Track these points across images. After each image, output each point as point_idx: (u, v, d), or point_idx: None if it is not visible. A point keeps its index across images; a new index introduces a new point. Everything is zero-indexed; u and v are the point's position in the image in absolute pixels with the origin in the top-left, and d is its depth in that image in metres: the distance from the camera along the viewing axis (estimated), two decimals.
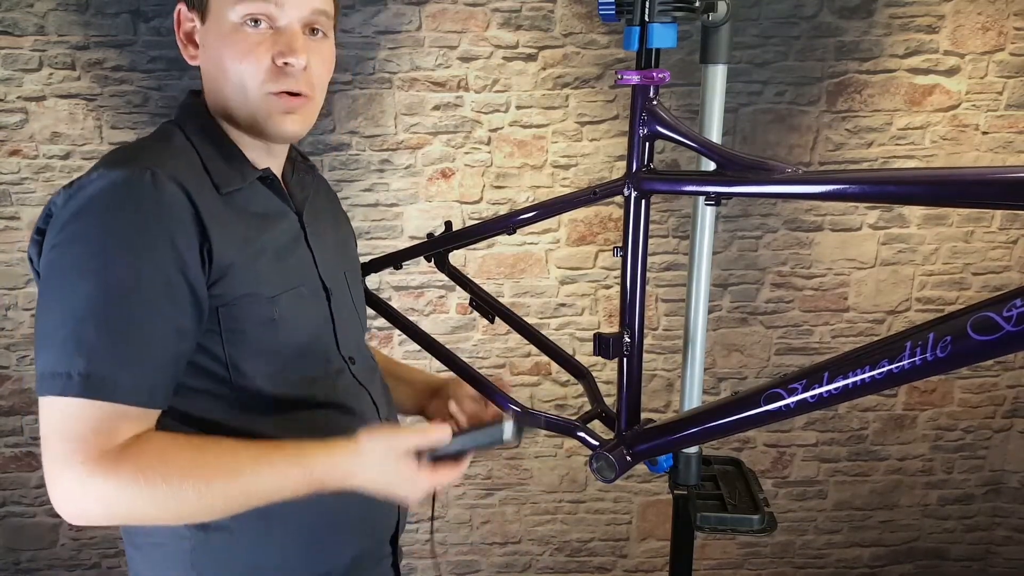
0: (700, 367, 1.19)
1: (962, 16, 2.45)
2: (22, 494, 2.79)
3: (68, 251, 0.85)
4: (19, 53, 2.39)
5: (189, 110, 1.01)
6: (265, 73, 0.93)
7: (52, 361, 0.83)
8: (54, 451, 0.83)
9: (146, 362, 0.86)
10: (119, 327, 0.84)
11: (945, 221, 2.63)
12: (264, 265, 0.97)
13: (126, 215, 0.85)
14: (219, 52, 0.94)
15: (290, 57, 0.93)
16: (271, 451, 0.90)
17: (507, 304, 1.49)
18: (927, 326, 0.73)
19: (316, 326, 1.04)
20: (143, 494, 0.83)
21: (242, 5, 0.92)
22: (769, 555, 2.99)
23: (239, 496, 0.88)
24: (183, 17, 0.98)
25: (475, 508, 2.90)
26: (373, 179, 2.56)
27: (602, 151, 2.56)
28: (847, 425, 2.83)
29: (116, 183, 0.85)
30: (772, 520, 1.16)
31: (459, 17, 2.44)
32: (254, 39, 0.93)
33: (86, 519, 0.85)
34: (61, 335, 0.83)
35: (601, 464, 1.03)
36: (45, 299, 0.86)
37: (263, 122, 0.96)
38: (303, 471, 0.90)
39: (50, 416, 0.83)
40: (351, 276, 1.17)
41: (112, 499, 0.83)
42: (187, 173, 0.91)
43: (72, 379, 0.81)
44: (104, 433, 0.83)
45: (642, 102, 0.99)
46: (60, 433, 0.83)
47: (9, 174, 2.49)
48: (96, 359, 0.82)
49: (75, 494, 0.83)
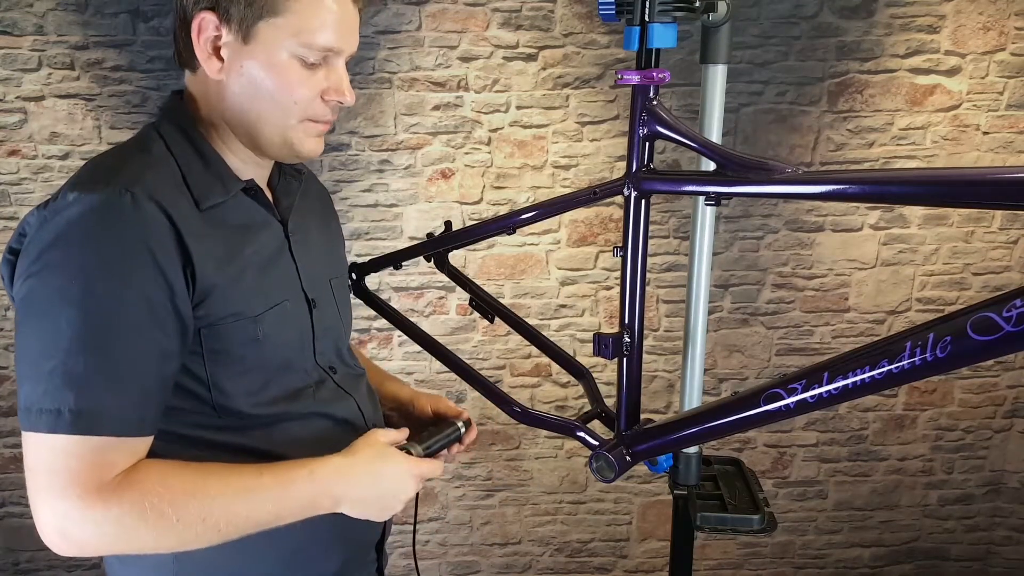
0: (700, 368, 1.19)
1: (963, 16, 2.45)
2: (21, 494, 2.79)
3: (48, 280, 0.82)
4: (18, 53, 2.39)
5: (172, 115, 0.98)
6: (310, 105, 0.96)
7: (39, 396, 0.81)
8: (45, 485, 0.82)
9: (135, 392, 0.85)
10: (106, 358, 0.82)
11: (945, 221, 2.63)
12: (248, 283, 0.95)
13: (106, 241, 0.83)
14: (263, 79, 0.93)
15: (342, 97, 0.97)
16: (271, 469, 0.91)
17: (507, 305, 1.49)
18: (927, 326, 0.72)
19: (298, 340, 1.03)
20: (147, 523, 0.83)
21: (304, 49, 0.92)
22: (769, 555, 2.99)
23: (243, 520, 0.88)
24: (207, 25, 0.91)
25: (475, 509, 2.90)
26: (373, 179, 2.56)
27: (602, 151, 2.56)
28: (847, 425, 2.83)
29: (94, 207, 0.83)
30: (772, 520, 1.16)
31: (459, 17, 2.44)
32: (307, 74, 0.94)
33: (81, 550, 0.84)
34: (47, 368, 0.81)
35: (601, 464, 1.03)
36: (26, 329, 0.84)
37: (295, 145, 0.98)
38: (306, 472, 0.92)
39: (39, 452, 0.82)
40: (336, 282, 1.16)
41: (113, 530, 0.82)
42: (166, 189, 0.89)
43: (62, 415, 0.80)
44: (99, 467, 0.82)
45: (642, 102, 0.99)
46: (52, 468, 0.81)
47: (8, 174, 2.49)
48: (85, 393, 0.81)
49: (71, 526, 0.82)
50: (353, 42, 0.98)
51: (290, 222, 1.06)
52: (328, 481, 0.93)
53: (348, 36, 0.96)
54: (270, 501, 0.89)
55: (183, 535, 0.85)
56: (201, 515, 0.85)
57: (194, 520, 0.84)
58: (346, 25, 0.95)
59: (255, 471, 0.90)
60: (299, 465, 0.92)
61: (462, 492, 2.88)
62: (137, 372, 0.85)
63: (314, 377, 1.05)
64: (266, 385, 0.97)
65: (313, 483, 0.92)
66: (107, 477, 0.82)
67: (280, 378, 0.99)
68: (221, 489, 0.87)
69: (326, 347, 1.08)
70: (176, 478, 0.86)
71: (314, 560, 1.04)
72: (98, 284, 0.82)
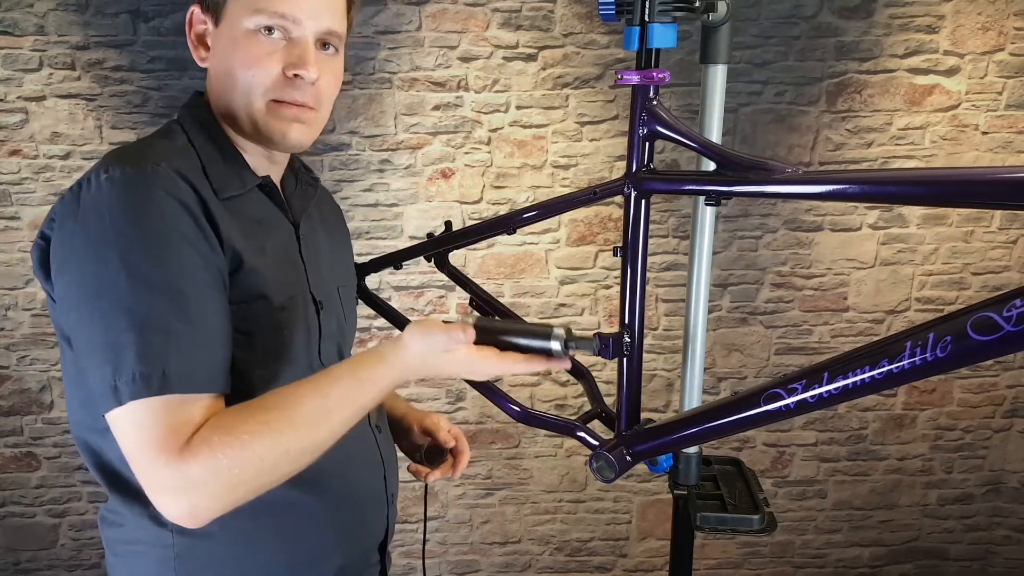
0: (700, 367, 1.19)
1: (962, 16, 2.45)
2: (22, 494, 2.79)
3: (104, 255, 0.81)
4: (19, 53, 2.39)
5: (193, 111, 1.00)
6: (273, 81, 0.94)
7: (127, 366, 0.79)
8: (148, 463, 0.80)
9: (216, 348, 0.85)
10: (184, 318, 0.82)
11: (945, 221, 2.63)
12: (271, 270, 0.96)
13: (150, 206, 0.83)
14: (229, 56, 0.94)
15: (301, 70, 0.93)
16: (333, 369, 0.89)
17: (507, 304, 1.49)
18: (927, 326, 0.73)
19: (306, 337, 1.03)
20: (244, 449, 0.80)
21: (259, 16, 0.91)
22: (769, 555, 3.00)
23: (331, 413, 0.85)
24: (196, 19, 0.97)
25: (475, 508, 2.90)
26: (373, 179, 2.56)
27: (602, 151, 2.56)
28: (847, 425, 2.83)
29: (129, 178, 0.83)
30: (772, 520, 1.16)
31: (459, 17, 2.44)
32: (267, 47, 0.93)
33: (210, 511, 0.81)
34: (126, 340, 0.79)
35: (601, 464, 1.03)
36: (88, 309, 0.81)
37: (266, 129, 0.96)
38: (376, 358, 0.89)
39: (130, 428, 0.80)
40: (344, 290, 1.16)
41: (212, 476, 0.79)
42: (190, 172, 0.90)
43: (155, 377, 0.79)
44: (184, 426, 0.80)
45: (642, 102, 0.99)
46: (145, 437, 0.79)
47: (9, 174, 2.49)
48: (177, 352, 0.80)
49: (178, 490, 0.80)
50: (320, 16, 0.94)
51: (301, 224, 1.06)
52: (389, 351, 0.90)
53: (308, 7, 0.93)
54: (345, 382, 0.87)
55: (278, 441, 0.81)
56: (287, 417, 0.82)
57: (286, 426, 0.82)
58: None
59: (319, 375, 0.88)
60: (357, 355, 0.91)
61: (462, 491, 2.88)
62: (214, 328, 0.85)
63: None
64: (275, 378, 0.96)
65: (378, 357, 0.89)
66: (188, 435, 0.80)
67: (286, 373, 0.98)
68: (293, 392, 0.85)
69: (329, 349, 1.08)
70: (246, 406, 0.84)
71: (317, 561, 1.04)
72: (156, 250, 0.82)
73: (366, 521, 1.11)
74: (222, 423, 0.82)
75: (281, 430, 0.82)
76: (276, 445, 0.81)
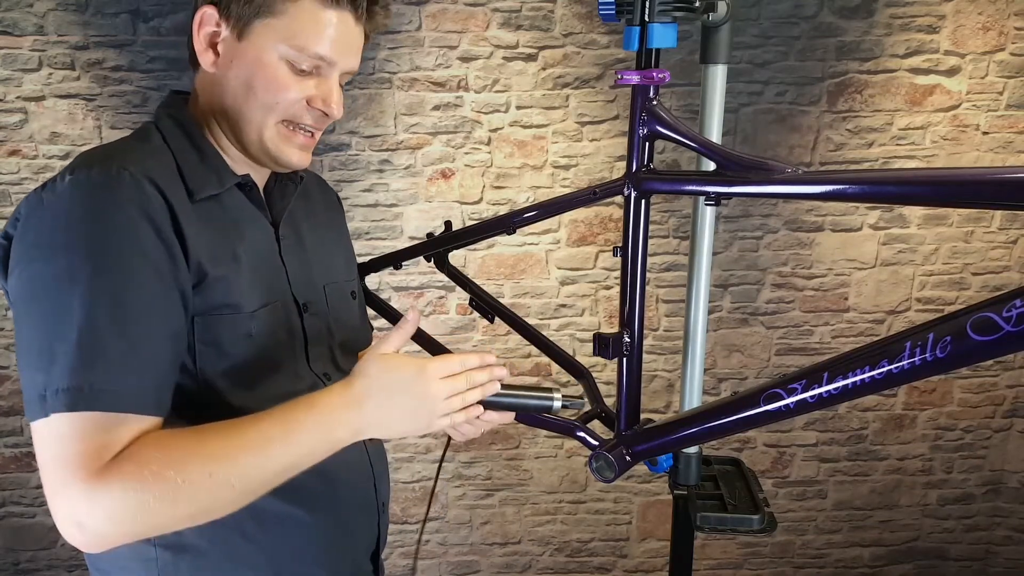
0: (700, 367, 1.19)
1: (962, 16, 2.45)
2: (22, 494, 2.79)
3: (54, 260, 0.79)
4: (18, 53, 2.39)
5: (170, 111, 1.00)
6: (292, 107, 0.95)
7: (54, 377, 0.77)
8: (57, 478, 0.77)
9: (152, 368, 0.82)
10: (123, 333, 0.79)
11: (945, 221, 2.63)
12: (241, 278, 0.94)
13: (108, 215, 0.81)
14: (251, 75, 0.93)
15: (328, 108, 0.97)
16: (271, 415, 0.85)
17: (507, 304, 1.49)
18: (927, 326, 0.72)
19: (289, 343, 1.01)
20: (152, 491, 0.76)
21: (298, 54, 0.92)
22: (769, 555, 2.99)
23: (256, 471, 0.81)
24: (208, 20, 0.93)
25: (475, 508, 2.90)
26: (373, 179, 2.56)
27: (602, 151, 2.56)
28: (847, 425, 2.83)
29: (92, 184, 0.82)
30: (772, 520, 1.16)
31: (459, 17, 2.44)
32: (296, 78, 0.94)
33: (102, 541, 0.79)
34: (61, 349, 0.77)
35: (601, 464, 1.03)
36: (32, 313, 0.80)
37: (274, 148, 0.97)
38: (305, 407, 0.84)
39: (48, 440, 0.77)
40: (331, 288, 1.12)
41: (121, 508, 0.76)
42: (161, 174, 0.88)
43: (81, 392, 0.76)
44: (105, 447, 0.77)
45: (642, 102, 0.99)
46: (62, 455, 0.77)
47: (8, 174, 2.49)
48: (105, 368, 0.78)
49: (83, 516, 0.77)
50: (350, 59, 0.97)
51: (281, 225, 1.05)
52: (335, 412, 0.85)
53: (343, 51, 0.96)
54: (277, 447, 0.82)
55: (196, 498, 0.78)
56: (206, 471, 0.78)
57: (200, 478, 0.78)
58: (343, 41, 0.95)
59: (253, 420, 0.84)
60: (299, 404, 0.85)
61: (462, 491, 2.88)
62: (154, 347, 0.82)
63: (307, 382, 1.02)
64: (254, 384, 0.94)
65: (318, 417, 0.84)
66: (107, 458, 0.77)
67: (269, 379, 0.96)
68: (221, 443, 0.81)
69: (320, 353, 1.06)
70: (172, 440, 0.81)
71: (306, 570, 1.02)
72: (106, 259, 0.80)
73: (356, 532, 1.09)
74: (142, 453, 0.78)
75: (198, 471, 0.78)
76: (193, 486, 0.78)
